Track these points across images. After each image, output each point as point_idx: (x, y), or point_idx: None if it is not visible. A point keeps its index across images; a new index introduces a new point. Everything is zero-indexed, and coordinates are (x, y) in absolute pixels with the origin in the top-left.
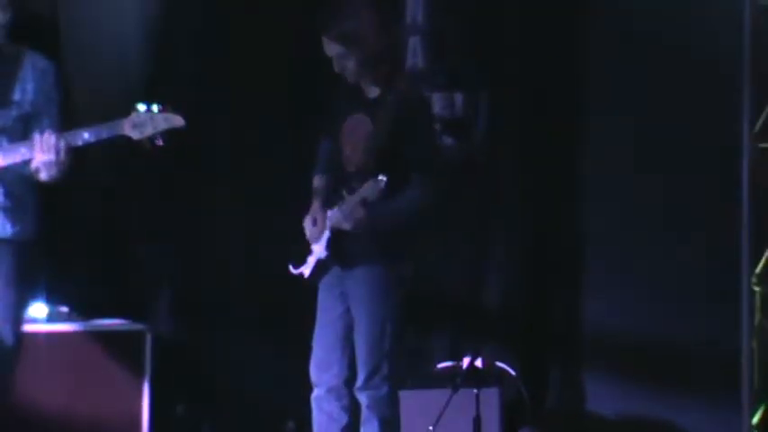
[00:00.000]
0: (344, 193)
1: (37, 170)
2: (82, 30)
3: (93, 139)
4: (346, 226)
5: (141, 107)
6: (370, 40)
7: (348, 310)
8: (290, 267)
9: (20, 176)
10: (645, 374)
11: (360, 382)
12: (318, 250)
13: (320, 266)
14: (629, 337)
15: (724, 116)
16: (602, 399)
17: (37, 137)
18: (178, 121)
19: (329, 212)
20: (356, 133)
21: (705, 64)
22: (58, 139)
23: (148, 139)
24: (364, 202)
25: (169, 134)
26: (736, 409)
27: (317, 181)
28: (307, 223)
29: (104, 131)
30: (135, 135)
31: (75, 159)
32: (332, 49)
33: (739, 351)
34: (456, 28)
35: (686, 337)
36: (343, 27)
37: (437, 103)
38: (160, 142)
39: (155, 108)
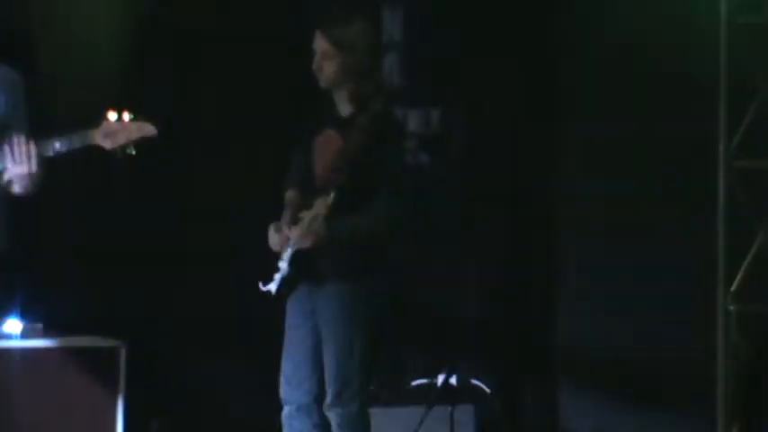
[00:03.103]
0: (303, 211)
1: (9, 183)
2: (54, 40)
3: (64, 149)
4: (306, 243)
5: (112, 116)
6: (358, 54)
7: (317, 327)
8: (260, 284)
9: None
10: (620, 391)
11: (329, 399)
12: (283, 266)
13: (285, 283)
14: (605, 353)
15: (702, 133)
16: (578, 415)
17: (9, 147)
18: (150, 129)
19: (291, 230)
20: (327, 150)
21: (683, 80)
22: (29, 145)
23: (120, 148)
24: (316, 218)
25: (141, 143)
26: (712, 427)
27: (289, 194)
28: (271, 235)
29: (76, 141)
30: (107, 145)
31: (47, 171)
32: (320, 44)
33: (714, 368)
34: (433, 45)
35: (661, 354)
36: (341, 32)
37: (413, 120)
38: (132, 152)
39: (126, 117)
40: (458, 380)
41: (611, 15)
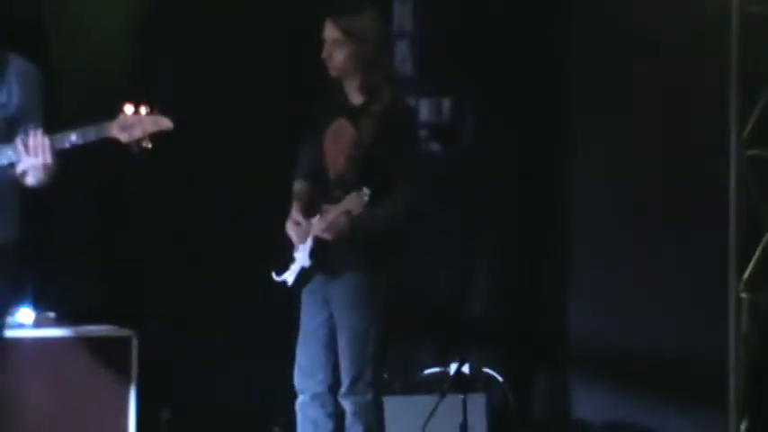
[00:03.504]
0: (327, 202)
1: (24, 174)
2: (68, 32)
3: (80, 142)
4: (327, 236)
5: (129, 109)
6: (368, 43)
7: (331, 317)
8: (273, 275)
9: (3, 179)
10: (631, 382)
11: (344, 388)
12: (301, 258)
13: (303, 274)
14: (616, 343)
15: (713, 123)
16: (589, 405)
17: (23, 139)
18: (166, 123)
19: (312, 221)
20: (339, 140)
21: (694, 70)
22: (43, 138)
23: (137, 141)
24: (347, 214)
25: (157, 136)
26: (723, 417)
27: (298, 185)
28: (290, 228)
29: (92, 133)
30: (123, 138)
31: (61, 162)
32: (331, 32)
33: (726, 359)
34: (444, 35)
35: (673, 345)
36: (351, 21)
37: (424, 109)
38: (148, 145)
39: (142, 110)
40: (470, 369)
41: (625, 5)
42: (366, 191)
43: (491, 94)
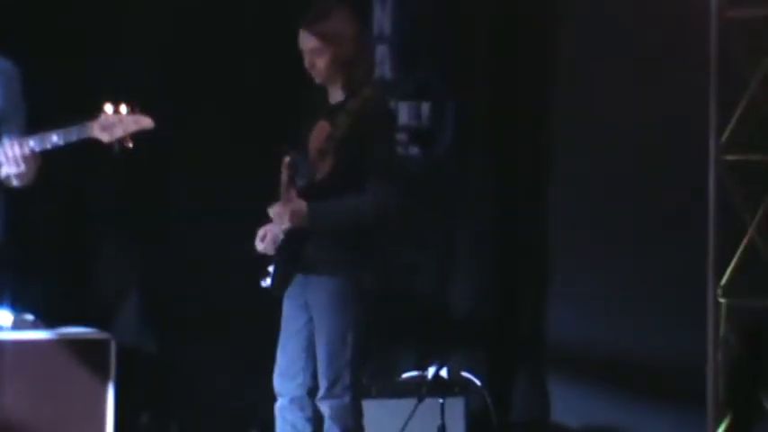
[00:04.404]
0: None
1: (8, 178)
2: (50, 31)
3: (61, 142)
4: (285, 223)
5: (109, 109)
6: (345, 43)
7: (311, 320)
8: (261, 283)
9: None
10: (610, 385)
11: (321, 391)
12: (274, 255)
13: (279, 274)
14: (596, 347)
15: (691, 128)
16: (568, 409)
17: (3, 148)
18: (147, 122)
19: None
20: (317, 139)
21: (672, 74)
22: (22, 147)
23: (118, 141)
24: (294, 194)
25: (138, 136)
26: (702, 420)
27: None
28: (257, 239)
29: (73, 134)
30: (104, 137)
31: (44, 163)
32: (308, 42)
33: (704, 362)
34: (423, 38)
35: (652, 348)
36: (324, 25)
37: (404, 112)
38: (129, 144)
39: (123, 109)
40: (448, 372)
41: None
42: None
43: (470, 97)
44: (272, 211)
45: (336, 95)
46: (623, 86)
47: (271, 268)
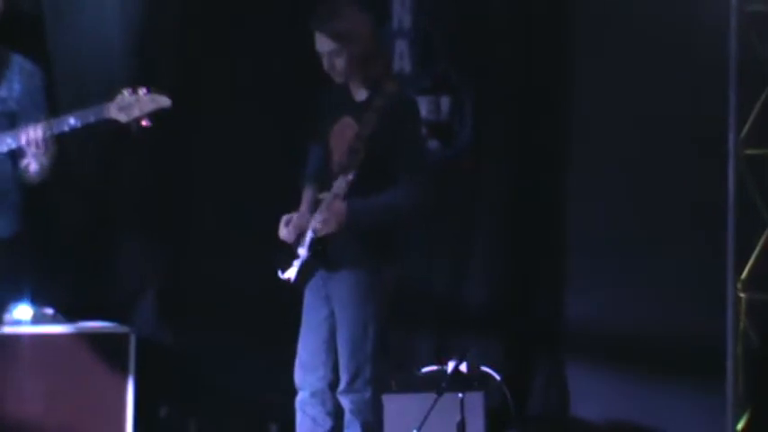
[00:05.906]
0: (324, 192)
1: (27, 166)
2: (66, 27)
3: (79, 124)
4: (329, 228)
5: (127, 90)
6: (362, 40)
7: (333, 314)
8: (279, 273)
9: (4, 174)
10: (630, 379)
11: (342, 385)
12: (302, 252)
13: (304, 269)
14: (615, 341)
15: (712, 121)
16: (587, 403)
17: (24, 127)
18: (164, 101)
19: (313, 216)
20: (343, 136)
21: (692, 69)
22: (44, 131)
23: (135, 120)
24: (336, 199)
25: (156, 116)
26: (721, 413)
27: (306, 191)
28: (282, 231)
29: (91, 115)
30: (122, 118)
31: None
32: (324, 45)
33: (724, 356)
34: (443, 32)
35: (672, 342)
36: (337, 25)
37: (423, 107)
38: (147, 123)
39: (140, 91)
40: (467, 367)
41: (624, 4)
42: (352, 173)
43: (489, 91)
44: (316, 218)
45: (359, 92)
46: (643, 81)
47: (296, 261)
